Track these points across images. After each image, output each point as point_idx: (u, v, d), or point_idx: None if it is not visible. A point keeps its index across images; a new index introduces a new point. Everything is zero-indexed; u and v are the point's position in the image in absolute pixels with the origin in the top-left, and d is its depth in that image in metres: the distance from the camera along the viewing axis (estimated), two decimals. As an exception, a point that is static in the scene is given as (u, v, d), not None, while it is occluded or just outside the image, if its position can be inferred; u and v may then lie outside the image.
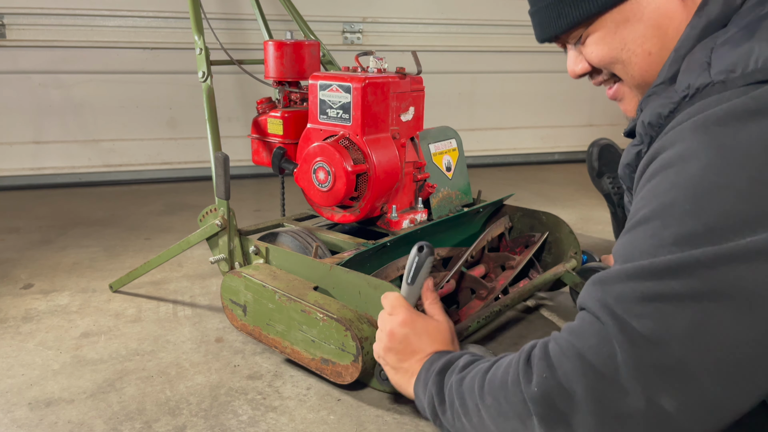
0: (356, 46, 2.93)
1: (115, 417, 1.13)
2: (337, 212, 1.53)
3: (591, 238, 2.16)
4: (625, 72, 0.83)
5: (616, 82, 0.87)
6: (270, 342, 1.29)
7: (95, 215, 2.36)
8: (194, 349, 1.38)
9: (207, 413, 1.14)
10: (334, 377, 1.19)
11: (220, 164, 1.44)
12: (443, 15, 3.03)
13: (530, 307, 1.61)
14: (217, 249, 1.53)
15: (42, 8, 2.53)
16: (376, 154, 1.42)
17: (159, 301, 1.62)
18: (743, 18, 0.70)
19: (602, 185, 2.03)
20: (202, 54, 1.55)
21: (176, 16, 2.67)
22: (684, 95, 0.70)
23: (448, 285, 1.42)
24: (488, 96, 3.24)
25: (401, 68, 1.52)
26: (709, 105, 0.66)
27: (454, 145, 1.68)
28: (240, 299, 1.33)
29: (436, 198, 1.60)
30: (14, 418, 1.12)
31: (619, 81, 0.86)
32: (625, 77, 0.83)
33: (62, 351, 1.36)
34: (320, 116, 1.48)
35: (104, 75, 2.69)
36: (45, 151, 2.71)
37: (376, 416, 1.14)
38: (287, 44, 1.60)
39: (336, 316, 1.15)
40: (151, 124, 2.81)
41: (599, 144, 2.06)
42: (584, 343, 0.67)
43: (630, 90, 0.85)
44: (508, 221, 1.71)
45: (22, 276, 1.77)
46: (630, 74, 0.82)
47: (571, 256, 1.60)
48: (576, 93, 3.37)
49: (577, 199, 2.62)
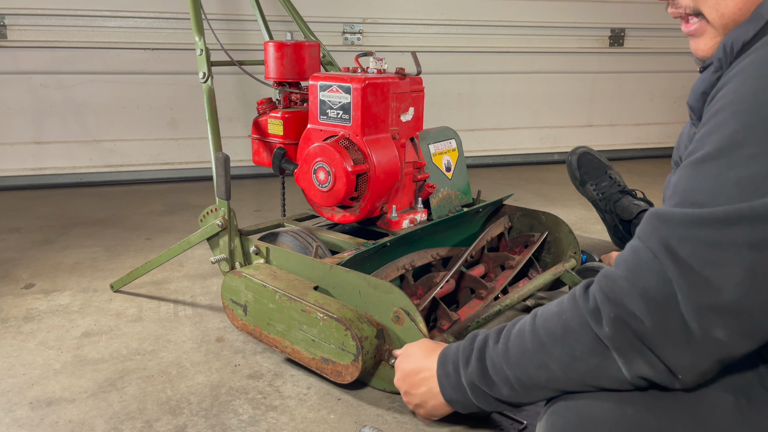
0: (356, 46, 2.93)
1: (116, 416, 1.13)
2: (337, 212, 1.53)
3: (590, 237, 2.16)
4: (717, 8, 0.80)
5: (695, 17, 0.83)
6: (270, 342, 1.30)
7: (96, 215, 2.36)
8: (195, 348, 1.38)
9: (208, 413, 1.15)
10: (334, 377, 1.19)
11: (220, 164, 1.45)
12: (443, 16, 3.03)
13: (530, 307, 1.62)
14: (218, 249, 1.54)
15: (43, 9, 2.53)
16: (376, 154, 1.43)
17: (160, 301, 1.63)
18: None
19: (587, 193, 2.03)
20: (203, 55, 1.55)
21: (177, 17, 2.68)
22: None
23: (448, 285, 1.42)
24: (488, 96, 3.24)
25: (401, 69, 1.53)
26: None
27: (454, 146, 1.69)
28: (240, 299, 1.33)
29: (436, 198, 1.61)
30: (15, 418, 1.13)
31: (702, 18, 0.83)
32: (714, 15, 0.80)
33: (63, 350, 1.37)
34: (320, 117, 1.48)
35: (105, 75, 2.70)
36: (46, 151, 2.71)
37: (376, 416, 1.15)
38: (287, 45, 1.60)
39: (336, 316, 1.16)
40: (152, 125, 2.82)
41: (576, 153, 2.05)
42: (645, 282, 0.71)
43: (713, 29, 0.82)
44: (507, 221, 1.72)
45: (24, 276, 1.78)
46: (721, 11, 0.80)
47: (571, 255, 1.61)
48: (576, 93, 3.38)
49: (576, 199, 2.63)
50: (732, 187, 0.67)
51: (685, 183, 0.72)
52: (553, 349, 0.80)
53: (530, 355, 0.83)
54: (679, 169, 0.75)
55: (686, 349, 0.70)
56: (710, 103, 0.74)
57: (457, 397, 0.96)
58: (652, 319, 0.71)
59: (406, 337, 1.15)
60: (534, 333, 0.83)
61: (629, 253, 0.75)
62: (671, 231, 0.70)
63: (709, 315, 0.68)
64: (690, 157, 0.73)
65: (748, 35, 0.74)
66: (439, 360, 0.99)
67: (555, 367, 0.80)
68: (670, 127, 3.61)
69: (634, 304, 0.72)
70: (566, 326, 0.79)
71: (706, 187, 0.69)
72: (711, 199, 0.68)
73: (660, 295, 0.70)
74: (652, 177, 3.11)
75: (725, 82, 0.73)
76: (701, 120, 0.79)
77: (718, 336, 0.68)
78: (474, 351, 0.92)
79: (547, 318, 0.83)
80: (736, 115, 0.69)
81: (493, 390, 0.89)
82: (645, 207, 1.90)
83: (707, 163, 0.70)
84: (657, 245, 0.71)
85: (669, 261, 0.70)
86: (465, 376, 0.92)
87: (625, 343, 0.73)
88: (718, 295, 0.67)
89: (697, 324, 0.68)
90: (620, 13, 3.27)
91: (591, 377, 0.78)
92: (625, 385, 0.77)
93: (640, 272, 0.72)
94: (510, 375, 0.86)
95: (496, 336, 0.90)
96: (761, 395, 0.76)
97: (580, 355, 0.78)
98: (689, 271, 0.68)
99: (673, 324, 0.70)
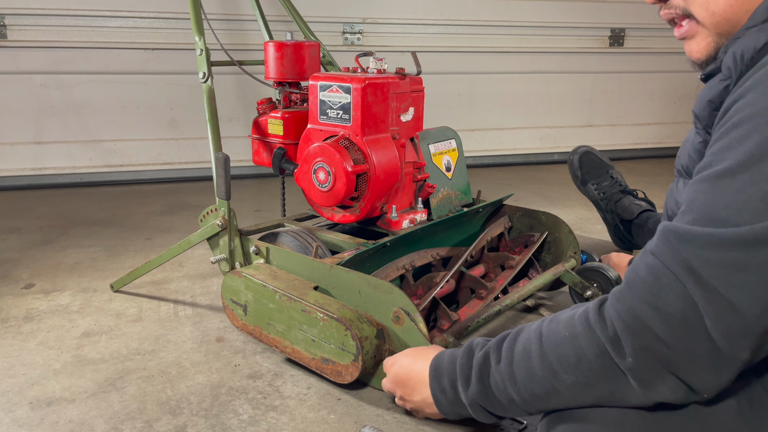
0: (356, 46, 2.93)
1: (116, 416, 1.13)
2: (337, 212, 1.53)
3: (590, 237, 2.16)
4: (707, 7, 0.79)
5: (686, 19, 0.83)
6: (270, 341, 1.30)
7: (96, 215, 2.36)
8: (195, 348, 1.38)
9: (208, 412, 1.15)
10: (334, 377, 1.19)
11: (220, 164, 1.45)
12: (443, 16, 3.03)
13: (530, 307, 1.62)
14: (218, 249, 1.54)
15: (43, 9, 2.53)
16: (376, 154, 1.43)
17: (160, 301, 1.63)
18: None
19: (588, 192, 2.03)
20: (203, 55, 1.55)
21: (177, 17, 2.68)
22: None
23: (448, 284, 1.42)
24: (488, 96, 3.24)
25: (401, 69, 1.53)
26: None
27: (454, 146, 1.69)
28: (240, 299, 1.33)
29: (436, 198, 1.61)
30: (15, 418, 1.12)
31: (692, 19, 0.82)
32: (704, 14, 0.80)
33: (63, 350, 1.37)
34: (320, 117, 1.48)
35: (105, 75, 2.70)
36: (46, 151, 2.71)
37: (376, 415, 1.15)
38: (287, 45, 1.60)
39: (336, 316, 1.16)
40: (152, 125, 2.82)
41: (578, 152, 2.06)
42: (669, 307, 0.68)
43: (704, 29, 0.82)
44: (507, 221, 1.72)
45: (24, 276, 1.78)
46: (711, 10, 0.79)
47: (571, 255, 1.61)
48: (575, 93, 3.38)
49: (577, 199, 2.63)
50: (756, 204, 0.64)
51: (704, 198, 0.69)
52: (566, 376, 0.77)
53: (539, 380, 0.80)
54: (693, 183, 0.72)
55: (713, 371, 0.68)
56: (724, 116, 0.72)
57: (456, 412, 0.95)
58: (678, 345, 0.68)
59: (406, 337, 1.15)
60: (543, 358, 0.79)
61: (647, 273, 0.71)
62: (693, 252, 0.67)
63: (737, 338, 0.66)
64: (706, 171, 0.70)
65: (759, 43, 0.71)
66: (432, 371, 0.97)
67: (566, 393, 0.78)
68: (670, 127, 3.61)
69: (659, 329, 0.69)
70: (580, 354, 0.76)
71: (728, 203, 0.66)
72: (734, 216, 0.65)
73: (686, 319, 0.68)
74: (651, 177, 3.11)
75: (741, 94, 0.70)
76: (708, 129, 0.78)
77: (745, 357, 0.67)
78: (474, 369, 0.88)
79: (557, 343, 0.79)
80: (758, 129, 0.66)
81: (496, 409, 0.87)
82: (646, 207, 1.91)
83: (728, 179, 0.67)
84: (678, 267, 0.68)
85: (693, 284, 0.67)
86: (466, 396, 0.90)
87: (649, 372, 0.71)
88: (745, 319, 0.65)
89: (727, 347, 0.67)
90: (620, 13, 3.27)
91: (604, 401, 0.77)
92: (638, 405, 0.75)
93: (662, 296, 0.69)
94: (516, 397, 0.83)
95: (497, 353, 0.86)
96: (764, 399, 0.75)
97: (594, 383, 0.76)
98: (715, 295, 0.66)
99: (700, 348, 0.68)
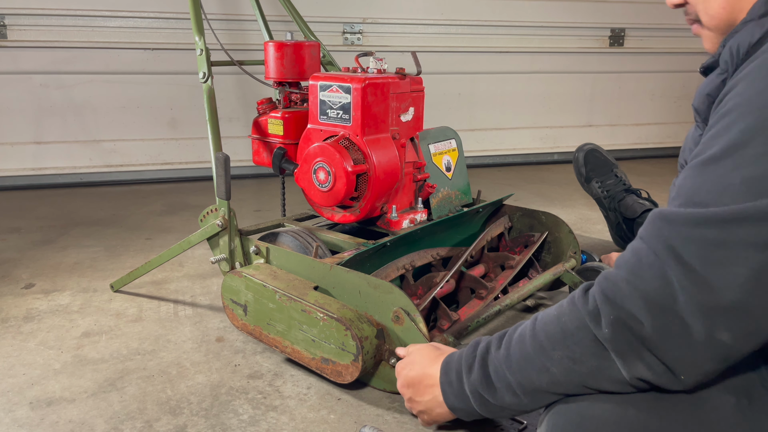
0: (356, 46, 2.93)
1: (116, 416, 1.13)
2: (338, 212, 1.53)
3: (590, 237, 2.16)
4: (705, 10, 0.84)
5: (696, 22, 0.88)
6: (270, 341, 1.30)
7: (96, 215, 2.36)
8: (195, 348, 1.38)
9: (208, 412, 1.15)
10: (334, 376, 1.19)
11: (220, 164, 1.45)
12: (443, 16, 3.03)
13: (530, 307, 1.62)
14: (218, 249, 1.54)
15: (43, 9, 2.53)
16: (376, 154, 1.43)
17: (160, 301, 1.63)
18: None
19: (592, 190, 2.03)
20: (203, 55, 1.55)
21: (177, 16, 2.68)
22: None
23: (448, 284, 1.42)
24: (488, 96, 3.24)
25: (401, 69, 1.53)
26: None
27: (454, 146, 1.69)
28: (240, 299, 1.33)
29: (436, 198, 1.61)
30: (15, 418, 1.13)
31: (698, 22, 0.87)
32: (705, 18, 0.84)
33: (63, 350, 1.37)
34: (320, 117, 1.48)
35: (105, 75, 2.70)
36: (46, 151, 2.71)
37: (376, 415, 1.15)
38: (287, 45, 1.60)
39: (336, 316, 1.16)
40: (152, 125, 2.82)
41: (584, 149, 2.06)
42: (647, 285, 0.71)
43: (708, 31, 0.86)
44: (507, 221, 1.72)
45: (24, 276, 1.78)
46: (709, 14, 0.83)
47: (571, 255, 1.61)
48: (575, 93, 3.38)
49: (577, 199, 2.63)
50: (737, 187, 0.66)
51: (690, 184, 0.71)
52: (553, 352, 0.80)
53: (531, 359, 0.83)
54: (683, 171, 0.74)
55: (688, 350, 0.69)
56: (717, 107, 0.74)
57: (460, 405, 0.95)
58: (652, 321, 0.70)
59: (406, 337, 1.15)
60: (534, 337, 0.83)
61: (630, 254, 0.75)
62: (674, 231, 0.70)
63: (712, 316, 0.67)
64: (695, 159, 0.73)
65: (754, 38, 0.74)
66: (442, 367, 0.99)
67: (556, 371, 0.80)
68: (670, 127, 3.61)
69: (635, 306, 0.71)
70: (565, 328, 0.79)
71: (710, 187, 0.69)
72: (715, 198, 0.68)
73: (661, 296, 0.69)
74: (651, 177, 3.11)
75: (732, 86, 0.72)
76: (707, 122, 0.79)
77: (723, 338, 0.68)
78: (476, 358, 0.91)
79: (546, 322, 0.83)
80: (743, 117, 0.68)
81: (495, 397, 0.88)
82: (649, 206, 1.91)
83: (712, 164, 0.70)
84: (660, 246, 0.70)
85: (672, 261, 0.69)
86: (468, 383, 0.92)
87: (625, 345, 0.73)
88: (721, 295, 0.66)
89: (700, 325, 0.68)
90: (620, 13, 3.27)
91: (591, 380, 0.78)
92: (625, 388, 0.77)
93: (641, 274, 0.72)
94: (512, 380, 0.85)
95: (498, 342, 0.90)
96: (762, 395, 0.75)
97: (579, 357, 0.78)
98: (693, 272, 0.67)
99: (674, 326, 0.69)
